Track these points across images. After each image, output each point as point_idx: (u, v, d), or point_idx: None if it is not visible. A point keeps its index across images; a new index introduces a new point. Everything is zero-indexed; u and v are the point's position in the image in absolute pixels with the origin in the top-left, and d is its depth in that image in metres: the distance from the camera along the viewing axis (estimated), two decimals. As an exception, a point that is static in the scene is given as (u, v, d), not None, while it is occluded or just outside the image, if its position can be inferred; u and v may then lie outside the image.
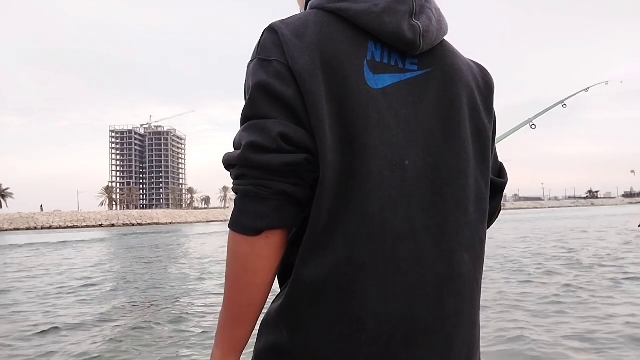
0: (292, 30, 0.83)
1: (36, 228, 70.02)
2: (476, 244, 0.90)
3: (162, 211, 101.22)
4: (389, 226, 0.80)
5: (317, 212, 0.79)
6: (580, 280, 9.40)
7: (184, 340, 6.15)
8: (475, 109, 0.93)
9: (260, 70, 0.81)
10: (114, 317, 7.65)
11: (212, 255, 18.22)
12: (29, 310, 8.44)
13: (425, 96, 0.87)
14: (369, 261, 0.79)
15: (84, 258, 16.32)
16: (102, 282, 11.83)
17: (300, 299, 0.80)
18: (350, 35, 0.84)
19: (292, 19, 0.86)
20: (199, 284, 11.00)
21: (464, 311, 0.86)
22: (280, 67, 0.80)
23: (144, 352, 5.69)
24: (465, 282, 0.86)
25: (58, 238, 33.81)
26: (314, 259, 0.79)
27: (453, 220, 0.86)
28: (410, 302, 0.80)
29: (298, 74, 0.79)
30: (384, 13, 0.84)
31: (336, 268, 0.78)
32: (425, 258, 0.82)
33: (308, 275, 0.79)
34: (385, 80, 0.84)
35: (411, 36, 0.85)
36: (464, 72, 0.93)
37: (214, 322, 6.65)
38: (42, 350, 5.87)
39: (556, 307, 7.14)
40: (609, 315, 6.53)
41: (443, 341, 0.82)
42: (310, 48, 0.81)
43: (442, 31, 0.91)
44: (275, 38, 0.83)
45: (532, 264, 12.18)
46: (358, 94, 0.81)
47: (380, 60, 0.85)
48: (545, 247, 16.80)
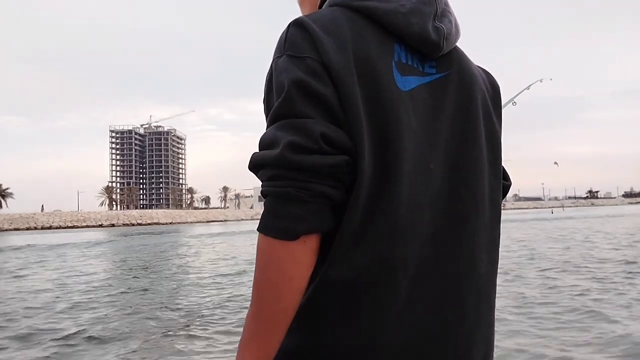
0: (321, 26, 0.80)
1: (36, 228, 69.99)
2: (492, 245, 0.92)
3: (162, 211, 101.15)
4: (418, 228, 0.81)
5: (352, 213, 0.77)
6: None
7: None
8: (487, 113, 0.94)
9: (294, 67, 0.77)
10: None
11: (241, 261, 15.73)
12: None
13: (443, 100, 0.87)
14: (400, 263, 0.79)
15: (87, 275, 13.57)
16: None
17: (327, 300, 0.78)
18: (377, 35, 0.83)
19: (318, 15, 0.84)
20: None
21: (483, 311, 0.88)
22: (315, 64, 0.77)
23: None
24: (484, 283, 0.89)
25: (58, 240, 32.62)
26: (345, 260, 0.77)
27: (472, 223, 0.87)
28: (434, 302, 0.81)
29: (335, 72, 0.77)
30: (410, 14, 0.84)
31: (368, 269, 0.77)
32: (448, 259, 0.84)
33: (338, 275, 0.77)
34: (412, 83, 0.84)
35: (436, 38, 0.85)
36: (477, 76, 0.94)
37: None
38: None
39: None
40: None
41: (465, 340, 0.84)
42: (343, 46, 0.79)
43: (459, 34, 0.92)
44: (305, 34, 0.80)
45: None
46: (390, 96, 0.80)
47: (405, 62, 0.84)
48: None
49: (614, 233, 23.71)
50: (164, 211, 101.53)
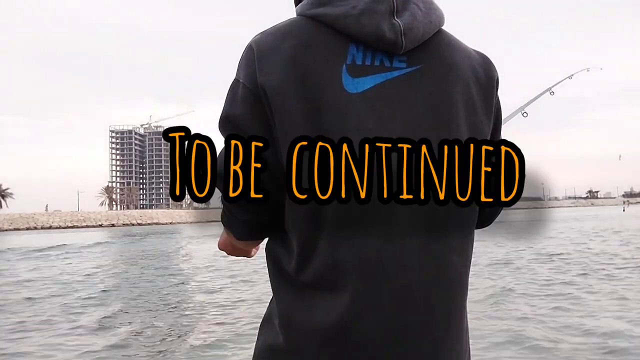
0: (271, 42, 0.86)
1: (36, 228, 69.91)
2: (467, 247, 0.89)
3: (162, 211, 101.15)
4: (373, 229, 0.80)
5: (302, 222, 0.82)
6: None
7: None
8: (471, 104, 0.89)
9: (230, 95, 0.88)
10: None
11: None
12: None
13: (414, 93, 0.85)
14: (353, 266, 0.80)
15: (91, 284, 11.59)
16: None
17: (292, 301, 0.85)
18: (330, 41, 0.84)
19: (274, 29, 0.88)
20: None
21: (454, 315, 0.86)
22: (243, 90, 0.85)
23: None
24: (455, 286, 0.86)
25: (57, 240, 31.81)
26: (301, 264, 0.83)
27: (443, 222, 0.84)
28: (398, 306, 0.80)
29: (270, 91, 0.82)
30: (362, 15, 0.83)
31: (322, 274, 0.81)
32: (413, 261, 0.81)
33: (299, 278, 0.84)
34: (366, 83, 0.83)
35: (392, 36, 0.83)
36: (459, 65, 0.89)
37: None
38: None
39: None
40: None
41: (431, 345, 0.83)
42: (283, 62, 0.83)
43: (433, 24, 0.88)
44: (250, 55, 0.86)
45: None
46: (334, 102, 0.81)
47: (361, 63, 0.84)
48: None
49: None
50: (164, 211, 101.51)
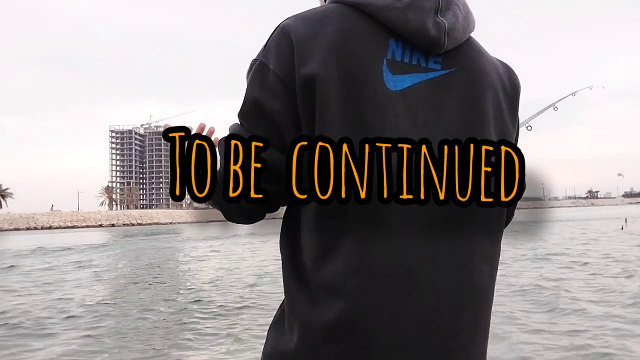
0: (308, 28, 0.81)
1: (36, 228, 69.91)
2: (495, 255, 0.88)
3: (162, 211, 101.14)
4: (406, 233, 0.79)
5: (327, 218, 0.79)
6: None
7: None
8: (499, 112, 0.89)
9: (257, 79, 0.83)
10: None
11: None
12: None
13: (447, 97, 0.84)
14: (375, 269, 0.78)
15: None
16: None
17: (308, 302, 0.80)
18: (371, 32, 0.82)
19: (309, 14, 0.84)
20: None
21: (481, 323, 0.85)
22: (275, 80, 0.81)
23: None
24: (482, 294, 0.85)
25: (60, 243, 30.67)
26: (320, 265, 0.79)
27: (473, 229, 0.83)
28: (425, 312, 0.79)
29: (311, 82, 0.78)
30: (408, 9, 0.81)
31: (342, 276, 0.78)
32: (442, 268, 0.80)
33: (316, 279, 0.79)
34: (405, 82, 0.82)
35: (436, 34, 0.82)
36: (489, 72, 0.89)
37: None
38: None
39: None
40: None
41: (458, 354, 0.82)
42: (325, 49, 0.79)
43: (469, 28, 0.88)
44: (285, 41, 0.81)
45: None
46: (375, 97, 0.79)
47: (401, 60, 0.82)
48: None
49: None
50: (164, 211, 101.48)
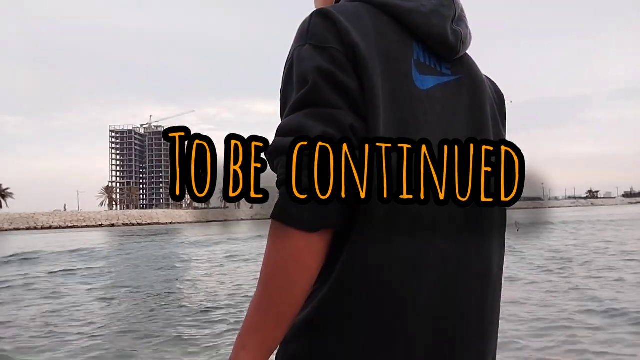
0: (346, 18, 0.81)
1: (36, 228, 69.95)
2: (502, 248, 0.95)
3: (162, 211, 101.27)
4: (438, 226, 0.82)
5: (371, 211, 0.78)
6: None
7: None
8: (495, 120, 0.95)
9: (318, 56, 0.78)
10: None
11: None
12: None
13: (457, 101, 0.88)
14: (423, 261, 0.80)
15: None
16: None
17: (345, 302, 0.78)
18: (397, 32, 0.85)
19: (341, 8, 0.84)
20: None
21: (496, 311, 0.92)
22: (338, 55, 0.78)
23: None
24: (496, 283, 0.91)
25: (58, 244, 29.50)
26: (364, 256, 0.78)
27: (488, 225, 0.89)
28: (454, 301, 0.83)
29: (360, 64, 0.78)
30: (431, 15, 0.85)
31: (390, 268, 0.78)
32: (469, 259, 0.85)
33: (356, 276, 0.78)
34: (429, 82, 0.85)
35: (454, 41, 0.87)
36: (485, 82, 0.95)
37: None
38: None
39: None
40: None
41: (481, 339, 0.88)
42: (368, 37, 0.80)
43: (471, 40, 0.94)
44: (329, 24, 0.80)
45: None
46: (409, 93, 0.82)
47: (424, 62, 0.86)
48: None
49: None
50: (164, 211, 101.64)
